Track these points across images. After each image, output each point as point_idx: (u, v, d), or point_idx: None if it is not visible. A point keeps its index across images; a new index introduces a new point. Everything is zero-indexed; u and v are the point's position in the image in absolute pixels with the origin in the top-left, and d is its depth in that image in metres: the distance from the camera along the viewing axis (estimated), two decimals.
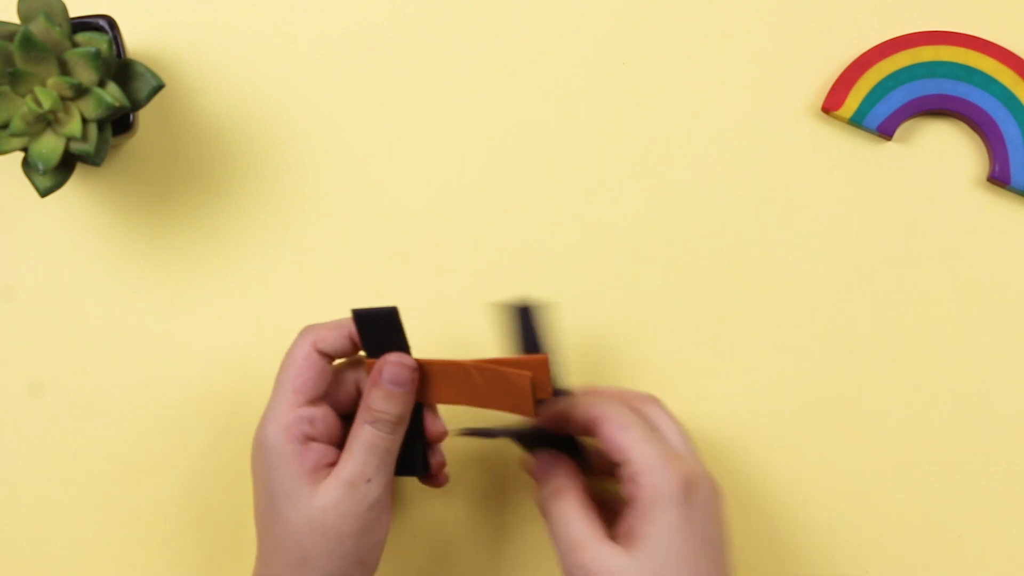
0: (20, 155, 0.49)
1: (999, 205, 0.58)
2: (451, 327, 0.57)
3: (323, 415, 0.47)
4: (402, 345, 0.48)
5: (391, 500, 0.47)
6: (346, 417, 0.49)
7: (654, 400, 0.50)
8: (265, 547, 0.47)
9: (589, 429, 0.46)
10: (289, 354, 0.48)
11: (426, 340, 0.56)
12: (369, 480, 0.45)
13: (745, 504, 0.56)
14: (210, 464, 0.55)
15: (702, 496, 0.45)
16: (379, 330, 0.47)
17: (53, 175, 0.49)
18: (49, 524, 0.55)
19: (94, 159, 0.49)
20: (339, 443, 0.48)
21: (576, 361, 0.56)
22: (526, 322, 0.47)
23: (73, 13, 0.50)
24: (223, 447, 0.56)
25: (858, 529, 0.56)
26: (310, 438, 0.46)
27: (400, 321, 0.47)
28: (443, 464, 0.50)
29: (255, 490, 0.48)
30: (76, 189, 0.56)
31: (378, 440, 0.46)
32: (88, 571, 0.55)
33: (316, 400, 0.47)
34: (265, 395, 0.55)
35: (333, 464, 0.46)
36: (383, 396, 0.47)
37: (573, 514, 0.45)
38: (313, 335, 0.48)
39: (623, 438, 0.45)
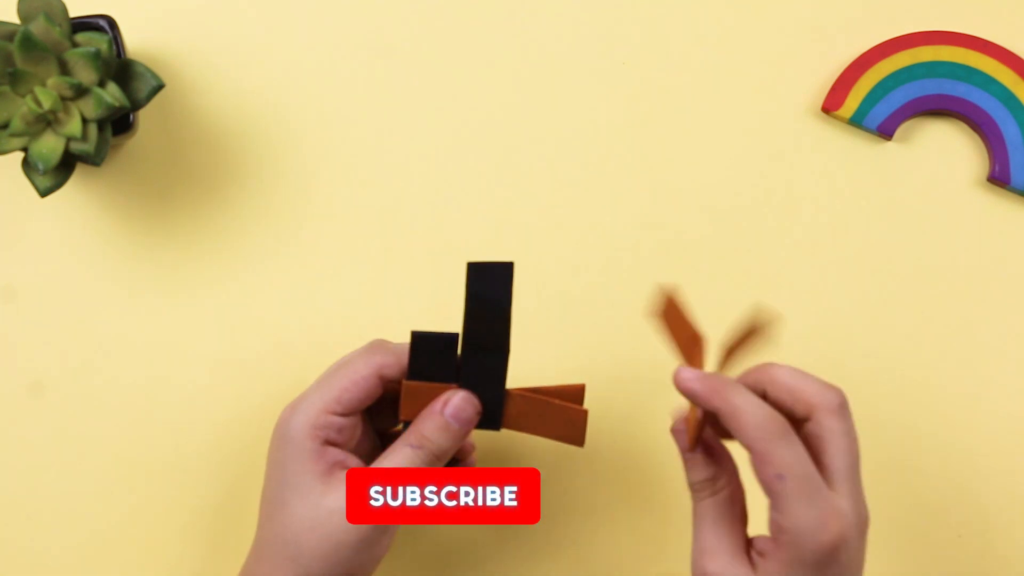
0: (20, 155, 0.49)
1: (999, 205, 0.58)
2: (451, 328, 0.57)
3: (352, 425, 0.47)
4: (452, 375, 0.46)
5: (396, 527, 0.47)
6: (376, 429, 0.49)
7: (840, 403, 0.45)
8: (263, 534, 0.47)
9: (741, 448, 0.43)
10: (350, 364, 0.47)
11: None
12: None
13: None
14: (210, 464, 0.55)
15: (847, 555, 0.42)
16: (434, 355, 0.46)
17: (53, 175, 0.49)
18: (49, 524, 0.55)
19: (94, 159, 0.49)
20: (360, 451, 0.48)
21: (577, 359, 0.56)
22: (488, 281, 0.45)
23: (73, 13, 0.50)
24: (223, 447, 0.56)
25: None
26: (331, 443, 0.46)
27: (456, 349, 0.46)
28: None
29: (267, 473, 0.47)
30: (76, 189, 0.56)
31: (412, 467, 0.45)
32: (88, 571, 0.55)
33: (353, 413, 0.47)
34: (263, 395, 0.56)
35: (344, 468, 0.46)
36: (439, 427, 0.46)
37: (720, 516, 0.44)
38: (381, 360, 0.46)
39: (780, 488, 0.42)
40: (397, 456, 0.46)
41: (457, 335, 0.46)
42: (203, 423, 0.56)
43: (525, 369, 0.49)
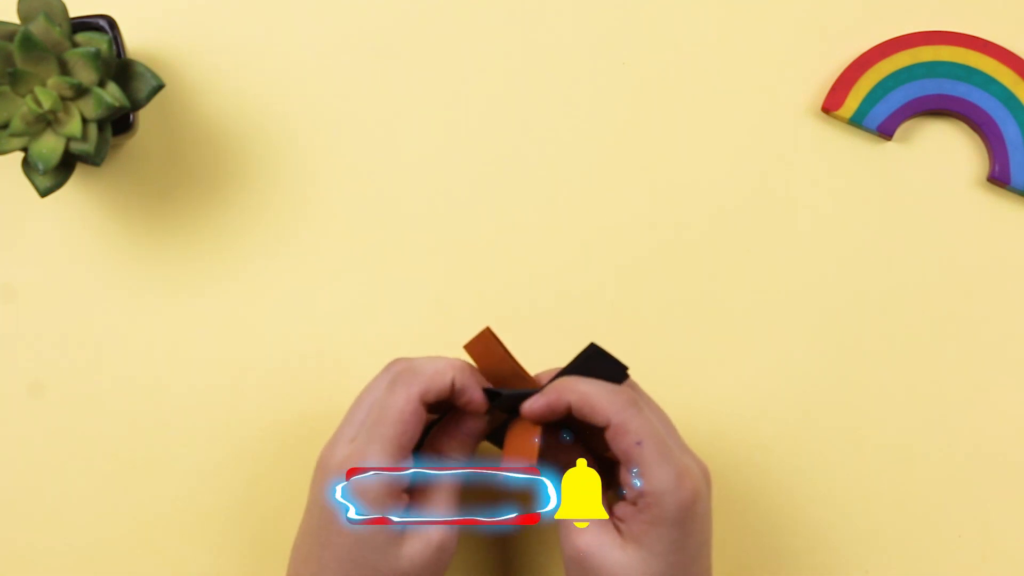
0: (20, 155, 0.49)
1: (999, 205, 0.58)
2: (450, 328, 0.57)
3: (410, 462, 0.47)
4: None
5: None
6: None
7: (631, 385, 0.49)
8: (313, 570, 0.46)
9: (600, 429, 0.46)
10: (390, 405, 0.46)
11: (425, 341, 0.56)
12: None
13: (744, 504, 0.56)
14: (210, 464, 0.55)
15: (702, 507, 0.45)
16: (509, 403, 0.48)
17: (53, 175, 0.49)
18: (49, 524, 0.55)
19: (94, 159, 0.49)
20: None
21: None
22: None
23: (73, 13, 0.50)
24: (224, 447, 0.56)
25: (858, 529, 0.56)
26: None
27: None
28: None
29: (314, 513, 0.46)
30: (76, 189, 0.56)
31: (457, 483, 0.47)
32: (88, 571, 0.55)
33: (411, 449, 0.46)
34: (264, 396, 0.56)
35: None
36: (458, 445, 0.48)
37: None
38: (419, 388, 0.46)
39: (638, 454, 0.44)
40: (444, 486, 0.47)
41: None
42: (204, 423, 0.56)
43: (525, 368, 0.49)
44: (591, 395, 0.46)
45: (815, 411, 0.57)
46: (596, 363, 0.47)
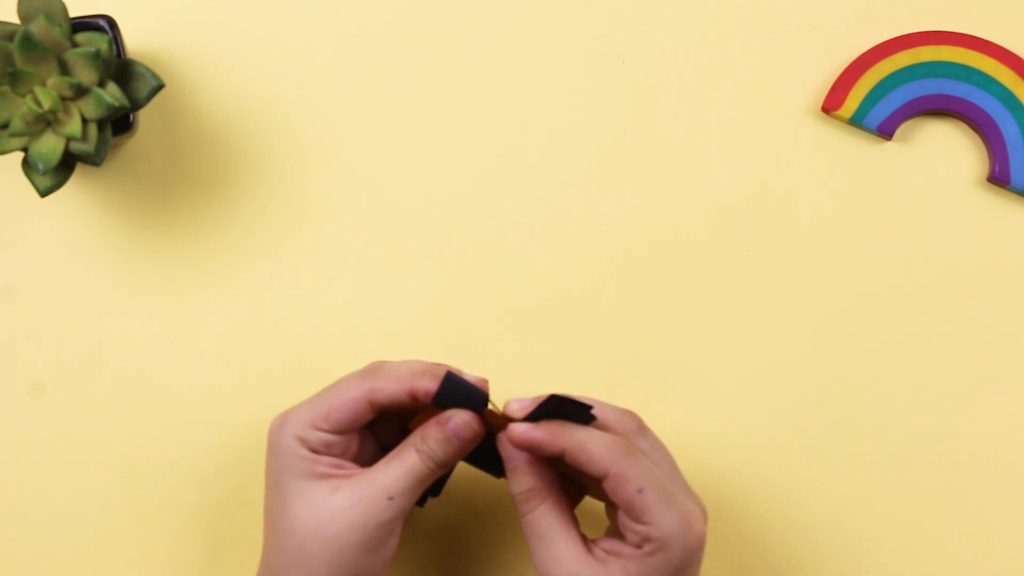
0: (20, 155, 0.49)
1: (999, 205, 0.58)
2: (450, 328, 0.57)
3: (343, 441, 0.47)
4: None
5: (401, 529, 0.46)
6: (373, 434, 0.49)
7: (639, 424, 0.48)
8: (269, 546, 0.47)
9: (598, 480, 0.45)
10: (342, 384, 0.47)
11: (424, 341, 0.56)
12: (391, 498, 0.45)
13: (744, 504, 0.56)
14: (210, 465, 0.55)
15: (699, 555, 0.45)
16: (459, 399, 0.46)
17: (53, 175, 0.49)
18: (49, 524, 0.55)
19: (94, 159, 0.49)
20: (360, 460, 0.48)
21: (575, 360, 0.56)
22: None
23: (73, 13, 0.50)
24: (223, 447, 0.56)
25: (858, 529, 0.56)
26: (320, 452, 0.46)
27: (485, 406, 0.47)
28: None
29: (266, 485, 0.48)
30: (76, 189, 0.56)
31: (420, 469, 0.46)
32: (88, 571, 0.55)
33: (341, 433, 0.47)
34: (264, 396, 0.56)
35: (342, 472, 0.46)
36: (439, 439, 0.46)
37: (553, 525, 0.45)
38: (372, 384, 0.46)
39: (641, 501, 0.43)
40: (407, 458, 0.46)
41: (485, 396, 0.46)
42: (203, 424, 0.56)
43: (524, 369, 0.49)
44: (588, 443, 0.44)
45: (815, 411, 0.57)
46: (562, 411, 0.46)
